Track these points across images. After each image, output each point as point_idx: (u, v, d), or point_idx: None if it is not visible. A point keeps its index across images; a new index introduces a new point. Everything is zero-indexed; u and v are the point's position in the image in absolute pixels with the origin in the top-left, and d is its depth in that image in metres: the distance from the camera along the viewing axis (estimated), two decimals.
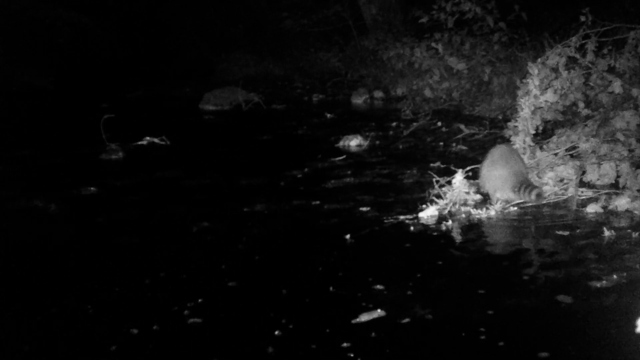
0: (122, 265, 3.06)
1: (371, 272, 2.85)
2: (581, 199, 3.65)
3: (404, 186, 4.18)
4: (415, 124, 5.98)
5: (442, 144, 5.29)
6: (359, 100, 7.89)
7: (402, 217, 3.54)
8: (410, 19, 8.60)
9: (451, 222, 3.45)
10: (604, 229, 3.20)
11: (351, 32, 9.86)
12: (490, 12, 6.81)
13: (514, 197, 3.59)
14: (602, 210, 3.49)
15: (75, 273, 3.01)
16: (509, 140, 4.22)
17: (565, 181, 3.82)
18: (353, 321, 2.42)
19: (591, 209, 3.50)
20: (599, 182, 3.81)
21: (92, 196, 4.21)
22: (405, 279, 2.77)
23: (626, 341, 2.24)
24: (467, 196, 3.68)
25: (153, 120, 6.92)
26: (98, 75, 9.70)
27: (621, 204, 3.48)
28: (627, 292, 2.58)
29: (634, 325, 2.31)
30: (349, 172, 4.57)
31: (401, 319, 2.43)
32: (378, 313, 2.47)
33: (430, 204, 3.65)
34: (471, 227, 3.42)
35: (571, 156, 4.03)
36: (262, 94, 8.05)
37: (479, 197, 3.74)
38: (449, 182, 3.77)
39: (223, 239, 3.37)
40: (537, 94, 4.11)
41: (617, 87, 4.25)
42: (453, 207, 3.61)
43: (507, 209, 3.59)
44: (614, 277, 2.70)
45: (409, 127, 5.86)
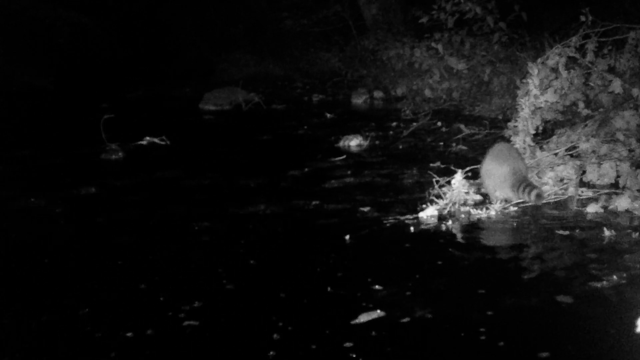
0: (122, 266, 3.06)
1: (371, 272, 2.85)
2: (581, 199, 3.65)
3: (404, 186, 4.17)
4: (415, 124, 5.98)
5: (442, 144, 5.29)
6: (359, 100, 7.89)
7: (402, 217, 3.54)
8: (410, 19, 8.62)
9: (451, 222, 3.45)
10: (604, 229, 3.20)
11: (351, 32, 9.86)
12: (490, 12, 6.82)
13: (512, 196, 3.58)
14: (602, 210, 3.48)
15: (75, 273, 3.01)
16: (509, 141, 4.22)
17: (565, 181, 3.82)
18: (352, 322, 2.42)
19: (591, 209, 3.49)
20: (599, 182, 3.81)
21: (92, 196, 4.21)
22: (405, 279, 2.77)
23: (626, 341, 2.23)
24: (467, 196, 3.68)
25: (153, 120, 6.92)
26: (98, 75, 9.70)
27: (621, 204, 3.48)
28: (627, 292, 2.58)
29: (634, 325, 2.31)
30: (349, 172, 4.57)
31: (401, 319, 2.42)
32: (377, 313, 2.47)
33: (430, 204, 3.65)
34: (471, 227, 3.42)
35: (571, 156, 4.03)
36: (262, 94, 8.05)
37: (479, 197, 3.74)
38: (448, 182, 3.77)
39: (223, 239, 3.36)
40: (537, 94, 4.11)
41: (617, 87, 4.25)
42: (453, 207, 3.61)
43: (507, 209, 3.59)
44: (614, 277, 2.70)
45: (409, 127, 5.86)
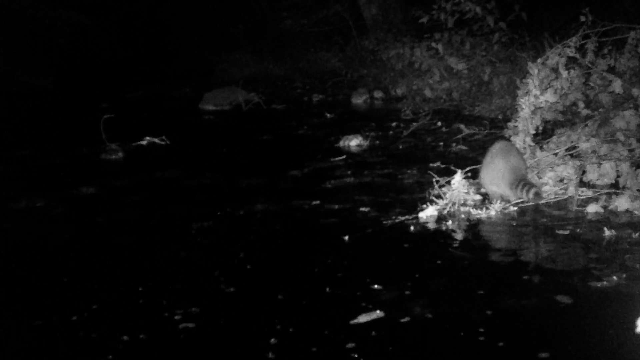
0: (121, 266, 3.06)
1: (371, 272, 2.85)
2: (581, 198, 3.64)
3: (404, 186, 4.17)
4: (415, 124, 5.98)
5: (442, 144, 5.29)
6: (359, 100, 7.89)
7: (402, 217, 3.53)
8: (410, 19, 8.61)
9: (451, 222, 3.44)
10: (604, 229, 3.20)
11: (351, 32, 9.86)
12: (490, 12, 6.82)
13: (510, 194, 3.57)
14: (602, 210, 3.48)
15: (75, 273, 3.01)
16: (509, 140, 4.21)
17: (565, 181, 3.82)
18: (352, 322, 2.42)
19: (591, 209, 3.49)
20: (599, 182, 3.81)
21: (92, 196, 4.21)
22: (404, 279, 2.77)
23: (626, 341, 2.23)
24: (466, 196, 3.68)
25: (153, 120, 6.92)
26: (98, 75, 9.70)
27: (621, 203, 3.47)
28: (627, 292, 2.58)
29: (634, 325, 2.31)
30: (349, 172, 4.57)
31: (401, 319, 2.42)
32: (377, 314, 2.47)
33: (429, 204, 3.65)
34: (471, 227, 3.41)
35: (571, 156, 4.03)
36: (262, 94, 8.05)
37: (478, 197, 3.74)
38: (448, 182, 3.77)
39: (223, 239, 3.36)
40: (537, 94, 4.11)
41: (617, 87, 4.25)
42: (453, 207, 3.60)
43: (507, 209, 3.58)
44: (614, 277, 2.70)
45: (409, 127, 5.86)
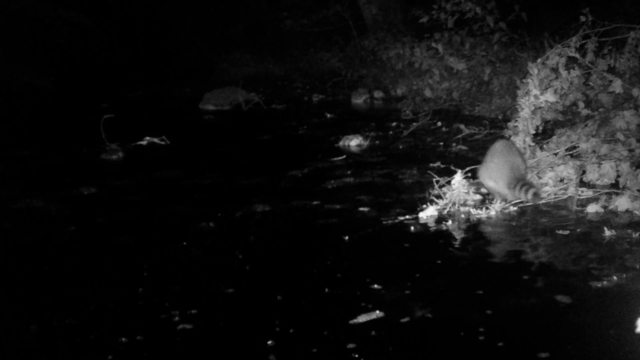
0: (121, 266, 3.06)
1: (370, 272, 2.85)
2: (581, 199, 3.65)
3: (404, 186, 4.17)
4: (415, 124, 5.98)
5: (442, 144, 5.29)
6: (359, 100, 7.88)
7: (402, 217, 3.54)
8: (410, 19, 8.60)
9: (451, 222, 3.45)
10: (604, 229, 3.20)
11: (351, 32, 9.85)
12: (490, 12, 6.82)
13: (508, 193, 3.57)
14: (602, 210, 3.48)
15: (75, 273, 3.01)
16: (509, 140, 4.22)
17: (565, 181, 3.82)
18: (351, 322, 2.42)
19: (591, 209, 3.49)
20: (599, 182, 3.81)
21: (92, 196, 4.21)
22: (404, 279, 2.77)
23: (626, 341, 2.24)
24: (466, 196, 3.68)
25: (153, 120, 6.91)
26: (98, 75, 9.70)
27: (621, 204, 3.47)
28: (627, 292, 2.58)
29: (634, 325, 2.31)
30: (349, 172, 4.57)
31: (401, 319, 2.42)
32: (376, 314, 2.47)
33: (430, 204, 3.65)
34: (471, 227, 3.41)
35: (571, 156, 4.03)
36: (262, 94, 8.04)
37: (478, 197, 3.74)
38: (448, 182, 3.77)
39: (223, 239, 3.36)
40: (537, 94, 4.11)
41: (617, 87, 4.24)
42: (453, 207, 3.61)
43: (507, 209, 3.59)
44: (614, 277, 2.70)
45: (409, 127, 5.86)
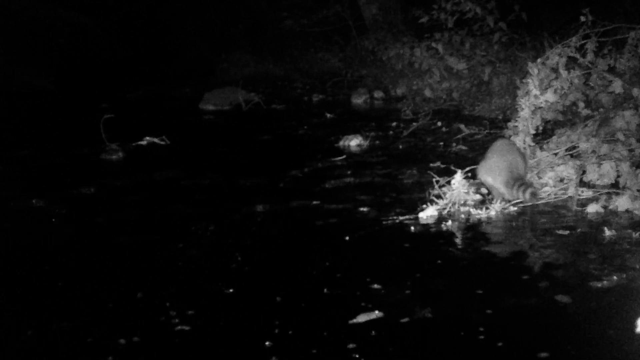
0: (121, 266, 3.06)
1: (370, 272, 2.85)
2: (581, 199, 3.65)
3: (404, 186, 4.17)
4: (415, 124, 5.98)
5: (442, 144, 5.29)
6: (359, 100, 7.88)
7: (402, 217, 3.54)
8: (410, 19, 8.60)
9: (451, 222, 3.45)
10: (604, 229, 3.20)
11: (351, 32, 9.85)
12: (490, 12, 6.82)
13: (505, 192, 3.58)
14: (602, 210, 3.48)
15: (75, 273, 3.01)
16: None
17: (565, 181, 3.82)
18: (351, 321, 2.42)
19: (591, 209, 3.49)
20: (599, 182, 3.81)
21: (92, 196, 4.21)
22: (404, 279, 2.77)
23: (626, 341, 2.24)
24: (467, 196, 3.68)
25: (153, 120, 6.91)
26: (98, 75, 9.70)
27: (621, 204, 3.47)
28: (627, 292, 2.58)
29: (634, 325, 2.31)
30: (349, 172, 4.57)
31: (401, 319, 2.42)
32: (376, 314, 2.47)
33: (430, 204, 3.65)
34: (471, 227, 3.41)
35: (571, 156, 4.03)
36: (262, 94, 8.04)
37: (478, 197, 3.74)
38: (448, 182, 3.77)
39: (223, 239, 3.36)
40: (537, 94, 4.11)
41: (617, 87, 4.25)
42: (453, 207, 3.60)
43: (507, 209, 3.59)
44: (614, 277, 2.70)
45: (409, 127, 5.86)
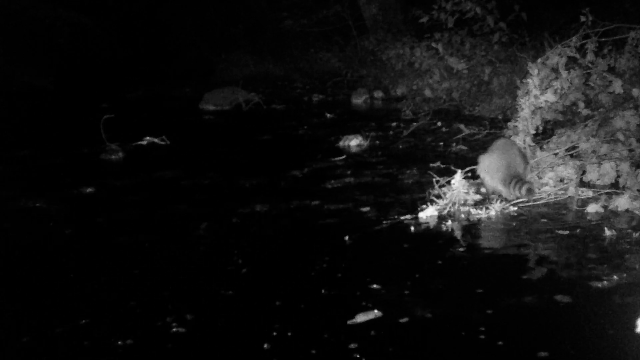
0: (121, 266, 3.06)
1: (370, 272, 2.85)
2: (581, 199, 3.65)
3: (404, 186, 4.17)
4: (415, 124, 5.98)
5: (442, 144, 5.29)
6: (359, 100, 7.88)
7: (402, 217, 3.53)
8: (410, 19, 8.60)
9: (451, 222, 3.45)
10: (604, 229, 3.20)
11: (351, 32, 9.86)
12: (491, 12, 6.82)
13: (503, 190, 3.59)
14: (602, 210, 3.48)
15: (75, 273, 3.01)
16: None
17: (565, 181, 3.82)
18: (351, 322, 2.42)
19: (591, 209, 3.49)
20: (599, 182, 3.81)
21: (92, 196, 4.21)
22: (404, 278, 2.77)
23: (626, 341, 2.24)
24: (467, 196, 3.68)
25: (153, 120, 6.92)
26: (98, 75, 9.70)
27: (621, 203, 3.47)
28: (627, 292, 2.58)
29: (634, 325, 2.31)
30: (349, 172, 4.57)
31: (400, 319, 2.42)
32: (374, 314, 2.47)
33: (430, 204, 3.65)
34: (471, 227, 3.41)
35: (571, 156, 4.03)
36: (262, 94, 8.04)
37: (478, 197, 3.74)
38: (448, 182, 3.77)
39: (222, 239, 3.36)
40: (537, 94, 4.11)
41: (617, 87, 4.24)
42: (453, 207, 3.60)
43: (507, 209, 3.59)
44: (614, 277, 2.70)
45: (409, 127, 5.86)
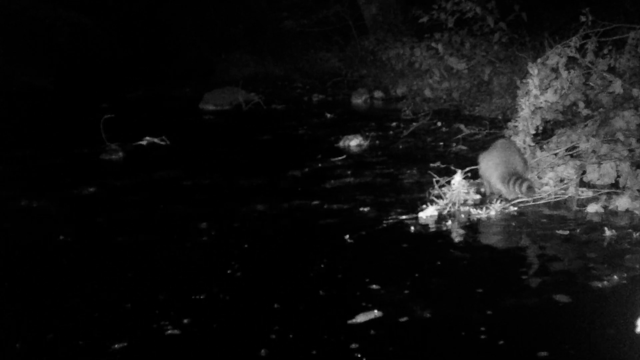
0: (121, 266, 3.06)
1: (370, 272, 2.85)
2: (581, 199, 3.65)
3: (404, 186, 4.17)
4: (415, 124, 5.98)
5: (442, 144, 5.29)
6: (359, 100, 7.88)
7: (402, 217, 3.53)
8: (410, 19, 8.60)
9: (451, 222, 3.45)
10: (604, 229, 3.20)
11: (351, 32, 9.86)
12: (491, 12, 6.82)
13: (502, 188, 3.59)
14: (602, 210, 3.48)
15: (75, 273, 3.01)
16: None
17: (565, 181, 3.82)
18: (349, 321, 2.42)
19: (591, 208, 3.49)
20: (599, 182, 3.81)
21: (92, 196, 4.21)
22: (404, 278, 2.77)
23: (626, 341, 2.24)
24: (467, 196, 3.68)
25: (153, 120, 6.92)
26: (98, 75, 9.70)
27: (621, 203, 3.47)
28: (627, 292, 2.58)
29: (634, 325, 2.31)
30: (349, 172, 4.57)
31: (400, 319, 2.42)
32: (374, 314, 2.47)
33: (430, 204, 3.65)
34: (471, 227, 3.41)
35: (571, 156, 4.03)
36: (262, 94, 8.05)
37: (478, 197, 3.74)
38: (448, 182, 3.77)
39: (223, 239, 3.36)
40: (537, 94, 4.11)
41: (617, 87, 4.24)
42: (453, 207, 3.60)
43: (507, 209, 3.59)
44: (614, 277, 2.70)
45: (409, 127, 5.86)
